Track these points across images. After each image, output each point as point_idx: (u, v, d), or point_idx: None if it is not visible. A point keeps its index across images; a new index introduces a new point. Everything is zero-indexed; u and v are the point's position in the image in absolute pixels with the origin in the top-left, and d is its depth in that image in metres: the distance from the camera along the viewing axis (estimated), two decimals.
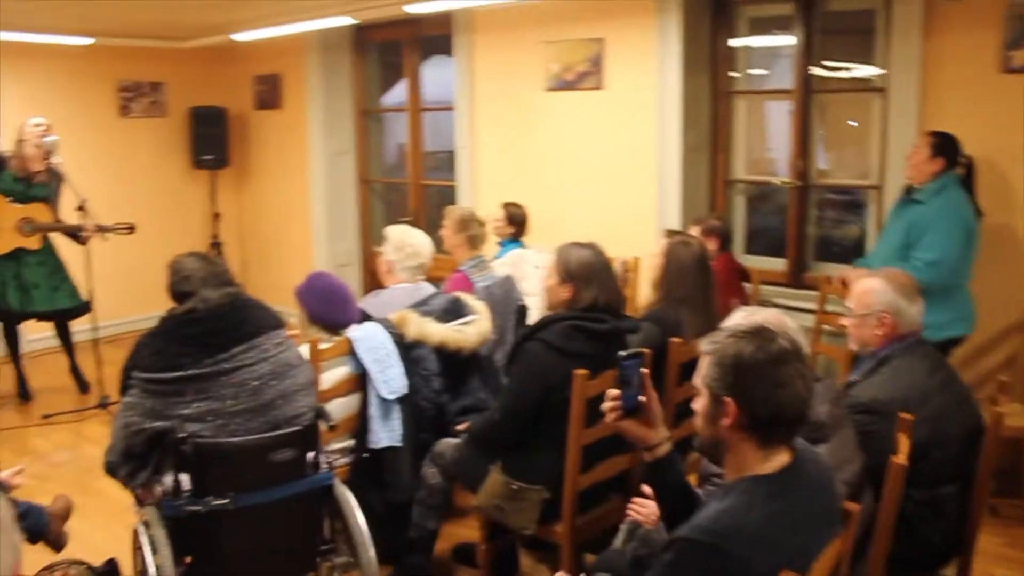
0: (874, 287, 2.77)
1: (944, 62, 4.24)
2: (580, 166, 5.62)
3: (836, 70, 4.94)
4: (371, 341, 3.27)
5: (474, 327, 3.56)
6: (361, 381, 3.26)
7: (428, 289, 3.84)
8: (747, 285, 4.73)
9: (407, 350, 3.37)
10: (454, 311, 3.61)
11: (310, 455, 2.68)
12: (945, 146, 3.89)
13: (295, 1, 5.80)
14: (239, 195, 8.29)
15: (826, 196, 5.15)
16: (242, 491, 2.53)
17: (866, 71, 4.79)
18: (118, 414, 2.67)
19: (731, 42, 5.21)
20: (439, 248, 4.29)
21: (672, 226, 4.97)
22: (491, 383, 3.72)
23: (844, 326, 2.94)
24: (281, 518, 2.68)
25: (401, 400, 3.29)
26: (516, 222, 5.08)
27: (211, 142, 7.75)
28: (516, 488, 3.03)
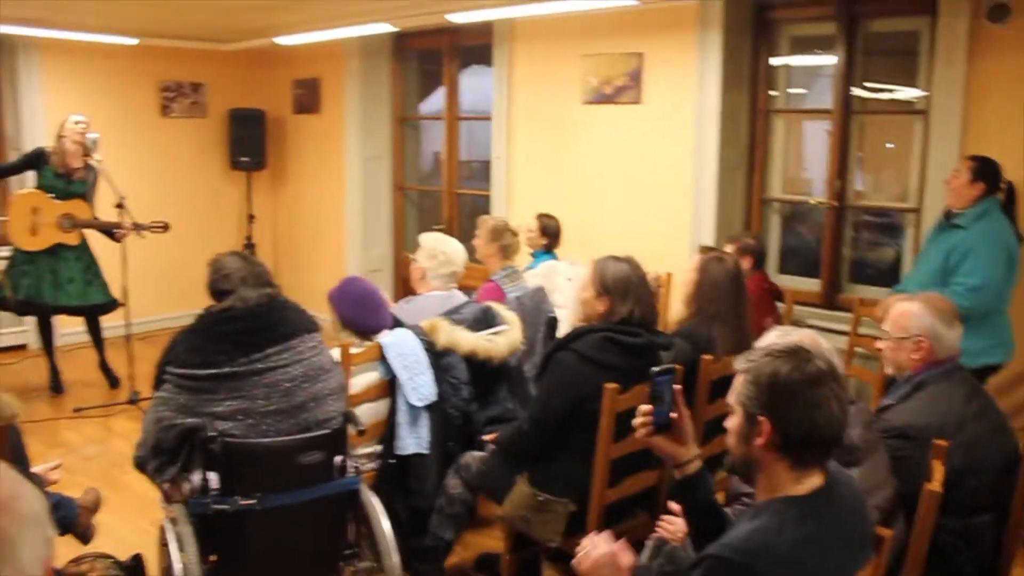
0: (912, 310, 2.74)
1: (988, 86, 4.19)
2: (615, 180, 5.61)
3: (877, 91, 4.90)
4: (402, 347, 3.27)
5: (505, 337, 3.55)
6: (390, 387, 3.27)
7: (460, 297, 3.85)
8: (780, 305, 4.69)
9: (437, 357, 3.37)
10: (485, 320, 3.62)
11: (338, 459, 2.69)
12: (986, 171, 3.85)
13: (338, 7, 5.85)
14: (274, 197, 8.36)
15: (862, 218, 5.11)
16: (269, 492, 2.54)
17: (908, 93, 4.75)
18: (150, 408, 2.70)
19: (772, 60, 5.19)
20: (472, 257, 4.29)
21: (706, 243, 4.95)
22: (520, 393, 3.72)
23: (878, 349, 2.90)
24: (307, 520, 2.68)
25: (429, 407, 3.29)
26: (549, 233, 5.08)
27: (249, 144, 7.82)
28: (542, 500, 3.02)
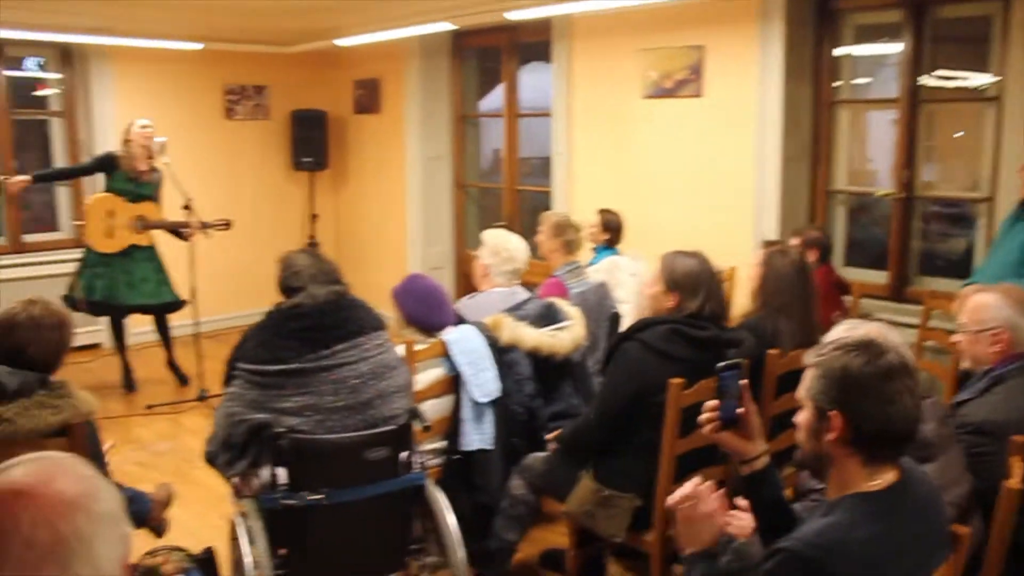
0: (989, 302, 2.67)
1: None
2: (677, 174, 5.56)
3: (946, 79, 4.78)
4: (465, 344, 3.29)
5: (568, 333, 3.54)
6: (454, 383, 3.28)
7: (523, 294, 3.85)
8: (846, 298, 4.61)
9: (501, 354, 3.37)
10: (548, 316, 3.61)
11: (403, 455, 2.71)
12: None
13: (398, 7, 5.90)
14: (336, 197, 8.45)
15: (931, 208, 4.99)
16: (336, 487, 2.57)
17: (979, 80, 4.63)
18: (221, 404, 2.75)
19: (835, 51, 5.09)
20: (534, 254, 4.29)
21: (769, 236, 4.89)
22: (583, 389, 3.71)
23: (948, 343, 2.84)
24: (373, 515, 2.72)
25: (493, 403, 3.29)
26: (611, 229, 5.05)
27: (311, 145, 7.92)
28: (607, 495, 3.00)
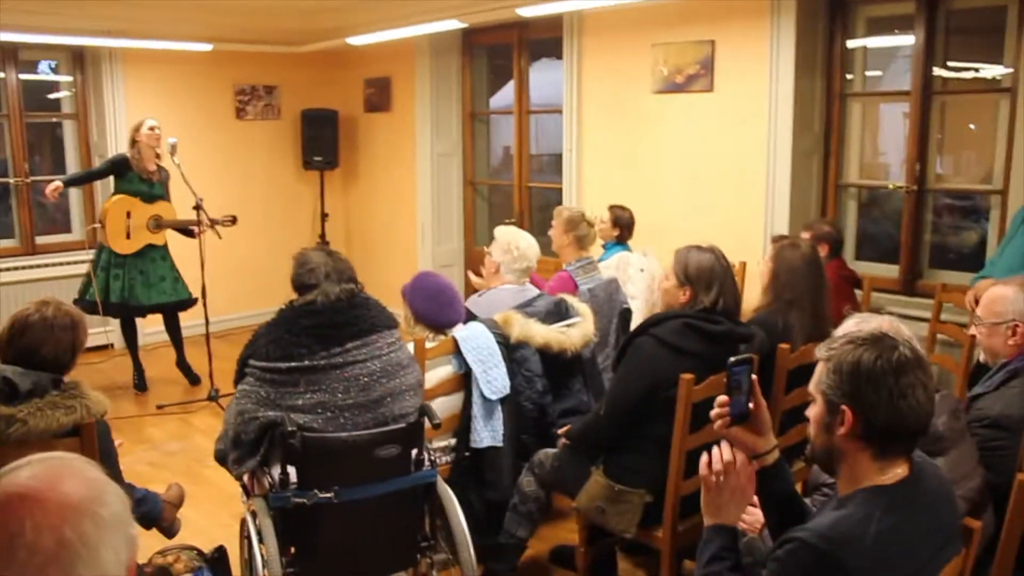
0: (1007, 295, 2.65)
1: None
2: (688, 169, 5.54)
3: (959, 70, 4.74)
4: (475, 341, 3.28)
5: (578, 329, 3.54)
6: (465, 380, 3.28)
7: (533, 290, 3.84)
8: (858, 292, 4.58)
9: (511, 351, 3.37)
10: (558, 313, 3.60)
11: (414, 452, 2.71)
12: None
13: (408, 5, 5.89)
14: (346, 195, 8.47)
15: (943, 201, 4.96)
16: (347, 485, 2.57)
17: (992, 71, 4.59)
18: (232, 401, 2.75)
19: (847, 43, 5.06)
20: (546, 251, 4.27)
21: (780, 231, 4.86)
22: (594, 385, 3.70)
23: (970, 336, 2.82)
24: (384, 513, 2.71)
25: (504, 400, 3.29)
26: (622, 225, 5.04)
27: (321, 144, 7.93)
28: (618, 490, 2.99)
